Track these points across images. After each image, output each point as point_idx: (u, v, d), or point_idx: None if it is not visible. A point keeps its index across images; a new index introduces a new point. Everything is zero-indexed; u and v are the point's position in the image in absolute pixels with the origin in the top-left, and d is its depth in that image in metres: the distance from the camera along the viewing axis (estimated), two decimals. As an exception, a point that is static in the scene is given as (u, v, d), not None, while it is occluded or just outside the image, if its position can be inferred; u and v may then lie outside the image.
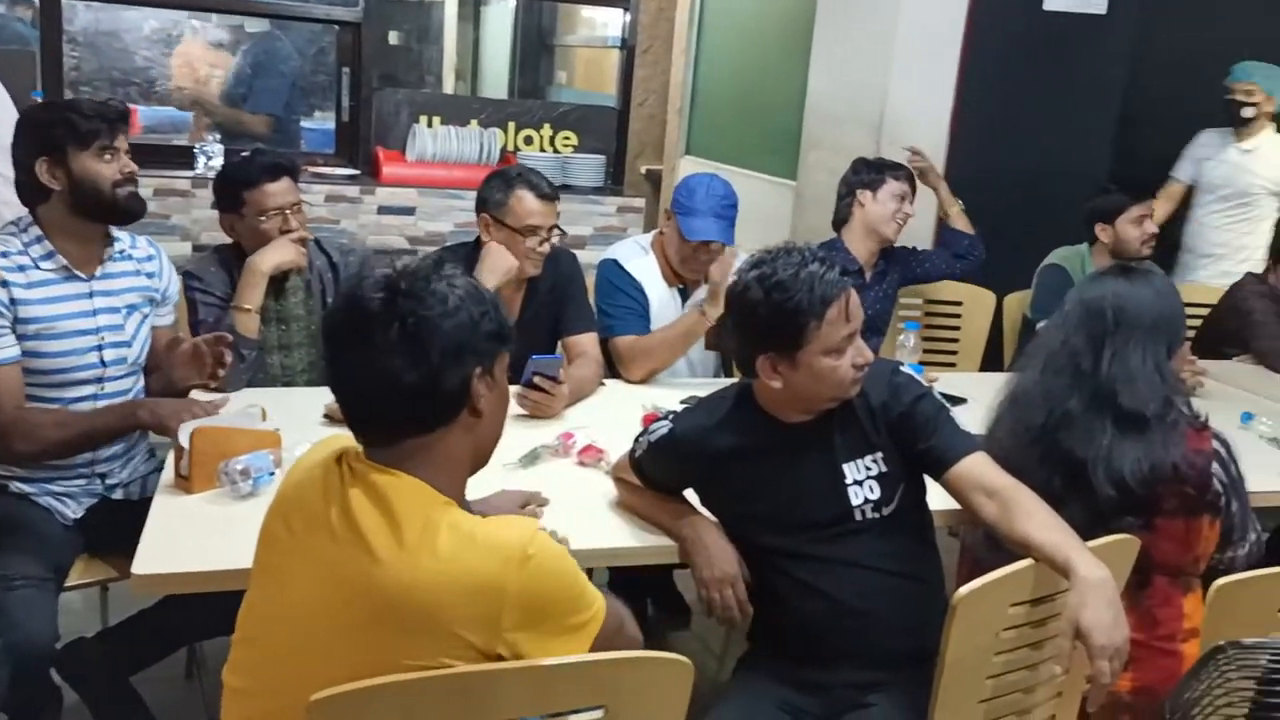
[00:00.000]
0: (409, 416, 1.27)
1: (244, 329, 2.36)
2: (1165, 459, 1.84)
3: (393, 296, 1.25)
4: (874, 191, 3.11)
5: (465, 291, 1.28)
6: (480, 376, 1.28)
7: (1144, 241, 3.22)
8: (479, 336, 1.27)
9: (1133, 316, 1.90)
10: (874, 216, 3.11)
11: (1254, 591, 1.66)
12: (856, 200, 3.13)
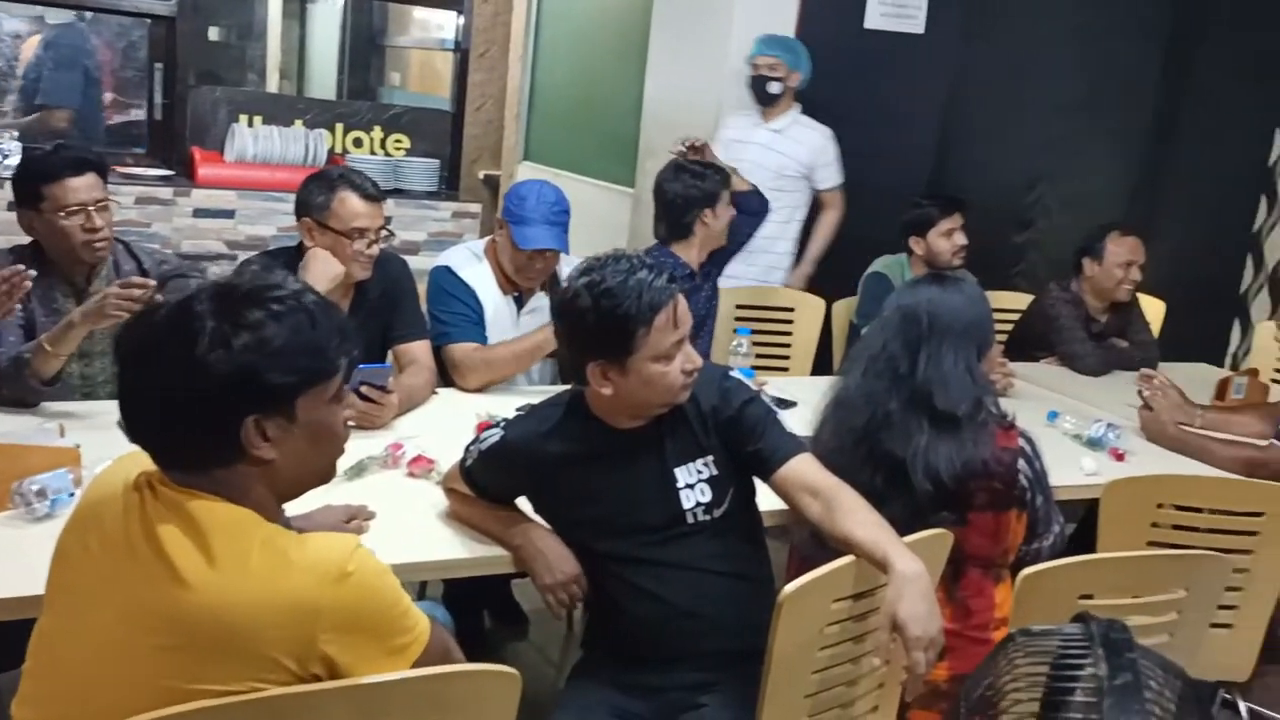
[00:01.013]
0: (187, 450, 1.21)
1: (40, 367, 2.14)
2: (976, 456, 1.94)
3: (185, 319, 1.17)
4: (713, 208, 3.07)
5: (275, 324, 1.18)
6: (258, 425, 1.19)
7: (954, 253, 3.38)
8: (259, 382, 1.17)
9: (945, 322, 1.99)
10: (717, 230, 3.10)
11: (1057, 580, 1.76)
12: (700, 220, 3.07)
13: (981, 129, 4.18)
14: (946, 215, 3.41)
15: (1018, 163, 4.31)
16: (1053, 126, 4.34)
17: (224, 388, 1.16)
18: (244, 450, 1.19)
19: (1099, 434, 2.68)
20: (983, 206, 3.76)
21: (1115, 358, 3.52)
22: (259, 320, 1.18)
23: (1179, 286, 4.22)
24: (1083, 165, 4.44)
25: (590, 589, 1.78)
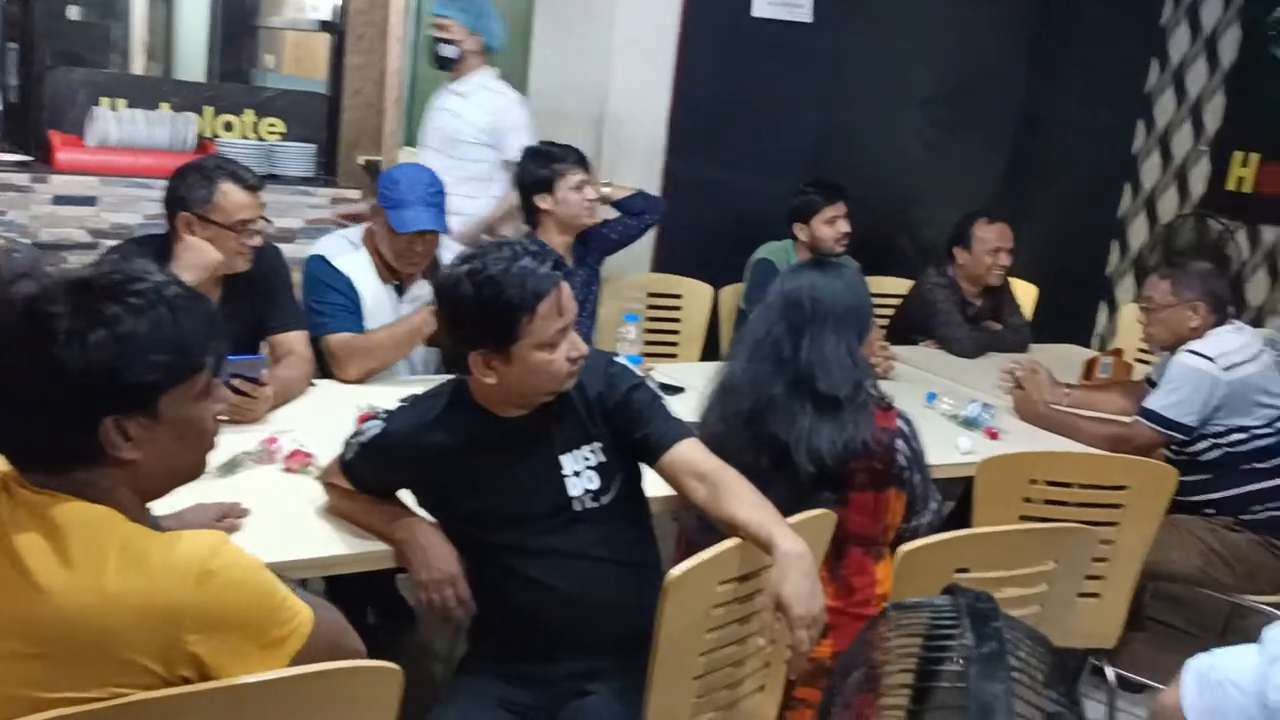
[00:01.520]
0: (44, 451, 1.14)
1: None
2: (856, 437, 1.98)
3: (39, 315, 1.10)
4: (551, 192, 3.02)
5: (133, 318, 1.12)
6: (118, 425, 1.13)
7: (837, 240, 3.45)
8: (117, 381, 1.11)
9: (826, 306, 2.03)
10: (562, 214, 3.04)
11: (934, 555, 1.81)
12: (536, 207, 3.03)
13: (862, 118, 4.26)
14: (830, 203, 3.48)
15: (896, 151, 4.41)
16: (929, 115, 4.46)
17: (80, 387, 1.10)
18: (104, 451, 1.13)
19: (974, 414, 2.77)
20: (864, 194, 3.83)
21: (990, 340, 3.64)
22: (116, 315, 1.12)
23: (1049, 271, 4.39)
24: (958, 153, 4.57)
25: (476, 581, 1.75)
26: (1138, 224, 5.20)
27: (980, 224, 3.64)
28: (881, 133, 4.34)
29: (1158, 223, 5.12)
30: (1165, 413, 2.74)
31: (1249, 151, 4.77)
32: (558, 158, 3.05)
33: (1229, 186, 4.85)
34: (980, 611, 0.80)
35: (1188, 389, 2.72)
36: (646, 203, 3.32)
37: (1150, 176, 5.15)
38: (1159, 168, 5.11)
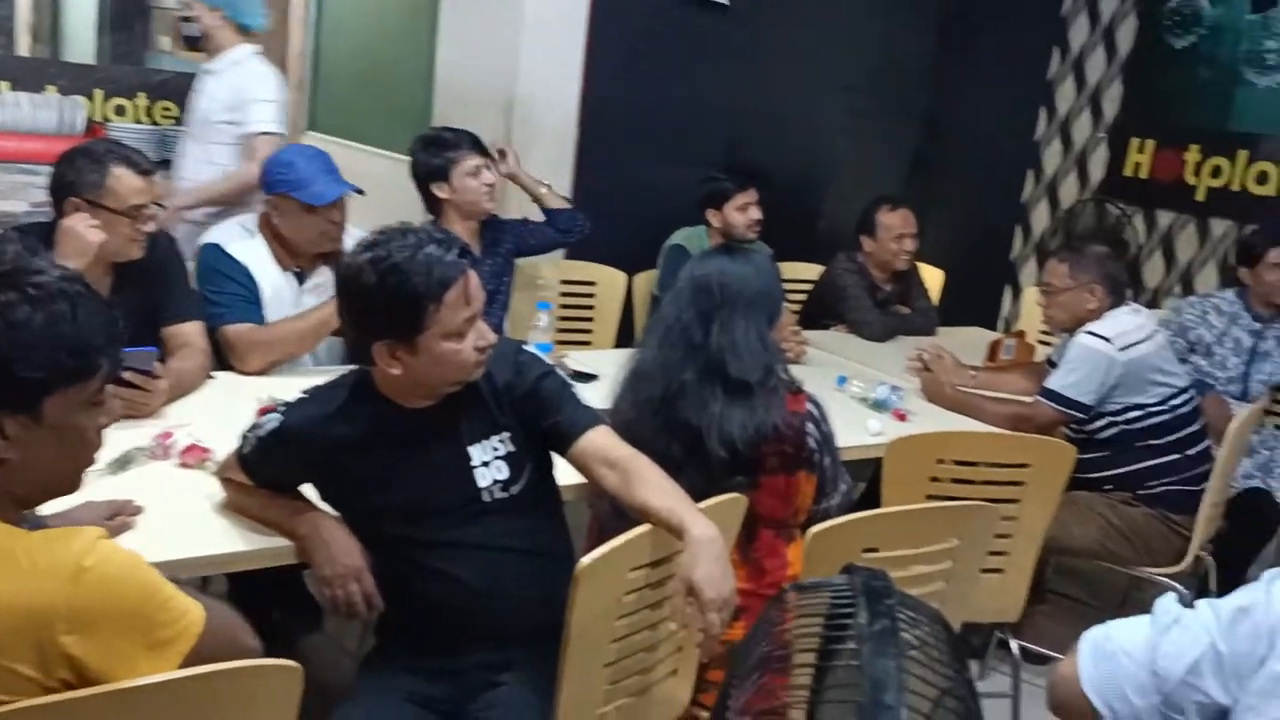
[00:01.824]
0: None
1: None
2: (767, 421, 1.99)
3: None
4: (447, 180, 2.97)
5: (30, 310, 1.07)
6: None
7: (749, 226, 3.46)
8: (3, 374, 1.06)
9: (736, 292, 2.03)
10: (461, 201, 2.99)
11: (842, 536, 1.83)
12: (435, 197, 2.99)
13: (776, 104, 4.28)
14: (741, 190, 3.49)
15: (809, 137, 4.46)
16: (841, 102, 4.50)
17: None
18: None
19: (883, 396, 2.81)
20: (777, 180, 3.87)
21: (899, 324, 3.71)
22: (10, 302, 1.07)
23: (956, 256, 4.48)
24: (869, 140, 4.63)
25: (382, 575, 1.71)
26: (1040, 209, 5.34)
27: (883, 211, 3.70)
28: (794, 119, 4.37)
29: (1059, 208, 5.25)
30: (1065, 392, 2.82)
31: (1145, 138, 4.93)
32: (451, 144, 3.00)
33: (1126, 173, 5.00)
34: (874, 590, 0.80)
35: (1086, 369, 2.80)
36: (573, 222, 3.29)
37: (1052, 163, 5.28)
38: (1060, 154, 5.24)
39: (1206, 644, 1.18)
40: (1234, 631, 1.17)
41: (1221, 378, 3.48)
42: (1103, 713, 1.23)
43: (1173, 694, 1.19)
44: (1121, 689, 1.22)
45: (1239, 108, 4.61)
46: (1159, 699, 1.20)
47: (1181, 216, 4.86)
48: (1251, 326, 3.48)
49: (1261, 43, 4.57)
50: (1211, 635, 1.18)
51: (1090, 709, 1.24)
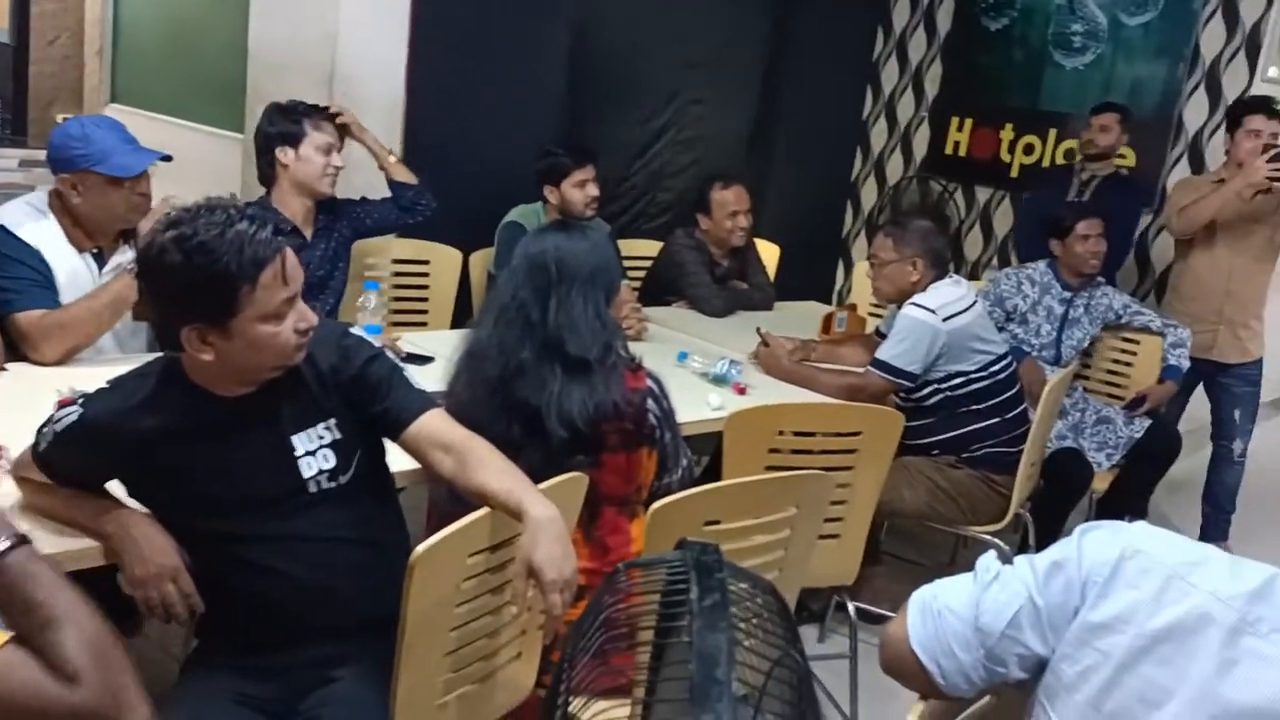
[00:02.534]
0: None
1: None
2: (607, 399, 1.98)
3: None
4: (295, 148, 2.84)
5: None
6: None
7: (587, 204, 3.42)
8: None
9: (572, 269, 2.01)
10: (301, 175, 2.86)
11: (683, 510, 1.84)
12: (277, 160, 2.85)
13: (613, 79, 4.27)
14: (579, 166, 3.45)
15: (646, 114, 4.46)
16: (676, 80, 4.53)
17: None
18: None
19: (723, 371, 2.85)
20: (614, 156, 3.85)
21: (737, 299, 3.76)
22: None
23: (791, 232, 4.59)
24: (706, 117, 4.68)
25: (202, 573, 1.62)
26: (869, 186, 5.53)
27: (717, 189, 3.75)
28: (631, 95, 4.37)
29: (886, 185, 5.45)
30: (894, 362, 2.92)
31: (964, 117, 5.16)
32: (310, 114, 2.88)
33: (947, 150, 5.23)
34: (705, 565, 0.80)
35: (912, 339, 2.90)
36: (418, 200, 3.16)
37: (879, 141, 5.47)
38: (886, 133, 5.43)
39: (1024, 598, 1.23)
40: (1049, 585, 1.22)
41: (1036, 344, 3.68)
42: (930, 669, 1.28)
43: (995, 647, 1.24)
44: (947, 645, 1.26)
45: (1048, 88, 4.88)
46: (982, 653, 1.25)
47: (998, 192, 5.12)
48: (1062, 295, 3.69)
49: (1069, 26, 4.84)
50: (1029, 590, 1.23)
51: (919, 666, 1.28)
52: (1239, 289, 3.71)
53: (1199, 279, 3.76)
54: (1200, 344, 3.75)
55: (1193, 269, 3.78)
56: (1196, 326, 3.74)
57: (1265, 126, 3.54)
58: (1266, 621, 1.09)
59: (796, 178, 5.08)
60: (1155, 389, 3.71)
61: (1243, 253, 3.68)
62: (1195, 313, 3.76)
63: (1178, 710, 1.10)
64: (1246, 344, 3.77)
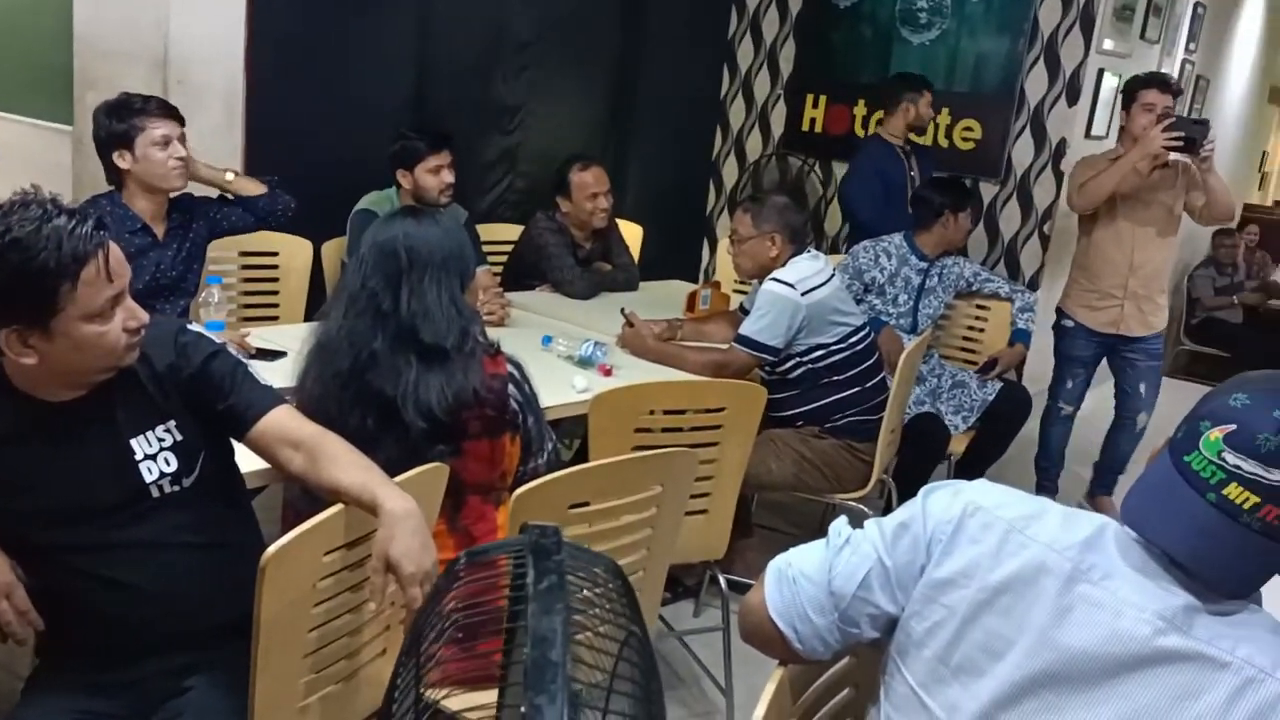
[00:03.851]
0: None
1: None
2: (467, 386, 1.95)
3: None
4: (130, 149, 2.69)
5: None
6: None
7: (442, 190, 3.34)
8: None
9: (424, 255, 1.96)
10: (145, 174, 2.71)
11: (547, 494, 1.83)
12: (114, 162, 2.70)
13: (466, 61, 4.19)
14: (434, 151, 3.37)
15: (501, 96, 4.40)
16: (532, 60, 4.48)
17: None
18: None
19: (588, 353, 2.84)
20: (469, 140, 3.78)
21: (601, 281, 3.76)
22: None
23: (654, 211, 4.61)
24: (562, 99, 4.65)
25: (39, 588, 1.53)
26: (730, 164, 5.59)
27: (576, 170, 3.73)
28: (484, 77, 4.30)
29: (746, 162, 5.52)
30: (756, 337, 2.96)
31: (818, 94, 5.26)
32: (137, 110, 2.70)
33: (804, 127, 5.33)
34: (542, 548, 0.79)
35: (774, 314, 2.95)
36: (275, 204, 2.99)
37: (737, 119, 5.53)
38: (744, 110, 5.50)
39: (874, 560, 1.26)
40: (897, 546, 1.25)
41: (894, 314, 3.79)
42: (787, 635, 1.30)
43: (848, 609, 1.27)
44: (803, 610, 1.29)
45: (897, 64, 5.01)
46: (836, 615, 1.27)
47: (854, 167, 5.23)
48: (919, 266, 3.80)
49: (915, 2, 4.98)
50: (878, 551, 1.26)
51: (777, 633, 1.30)
52: (1142, 263, 3.80)
53: (1103, 255, 3.84)
54: (1106, 319, 3.87)
55: (1097, 245, 3.86)
56: (1102, 302, 3.86)
57: (1159, 100, 3.62)
58: (1098, 569, 1.14)
59: (658, 157, 5.10)
60: (1005, 352, 3.87)
61: (1144, 227, 3.78)
62: (1101, 288, 3.86)
63: (1018, 658, 1.13)
64: (1150, 318, 3.88)
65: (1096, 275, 3.87)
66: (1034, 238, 4.81)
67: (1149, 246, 3.80)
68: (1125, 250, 3.79)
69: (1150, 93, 3.65)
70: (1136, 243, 3.79)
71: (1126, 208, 3.76)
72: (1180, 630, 1.08)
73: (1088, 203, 3.78)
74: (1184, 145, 3.46)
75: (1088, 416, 4.20)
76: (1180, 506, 1.10)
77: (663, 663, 2.87)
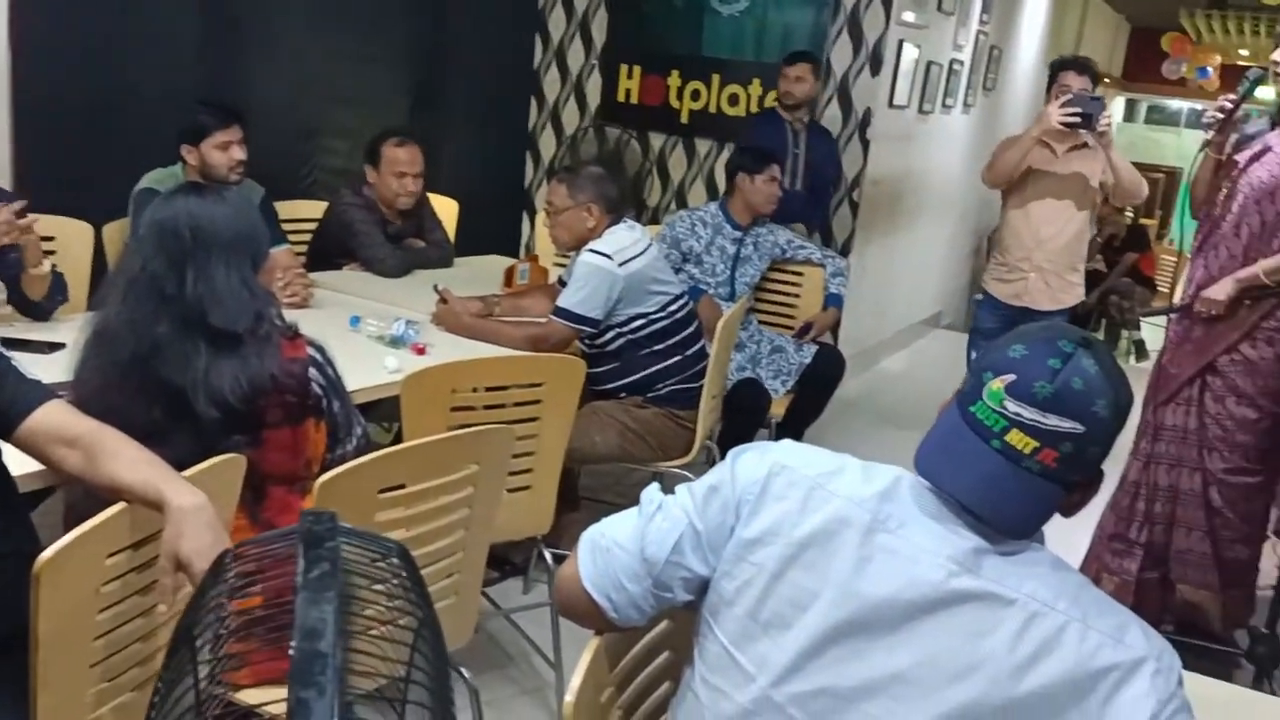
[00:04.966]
0: None
1: None
2: (263, 372, 1.85)
3: None
4: None
5: None
6: None
7: (232, 168, 3.13)
8: None
9: (210, 234, 1.85)
10: None
11: (355, 480, 1.76)
12: None
13: (258, 34, 3.98)
14: (223, 127, 3.16)
15: (298, 72, 4.21)
16: (332, 32, 4.29)
17: None
18: None
19: (399, 332, 2.75)
20: (266, 116, 3.59)
21: (414, 258, 3.64)
22: None
23: (470, 185, 4.51)
24: (367, 75, 4.48)
25: None
26: (547, 136, 5.53)
27: (390, 144, 3.59)
28: (282, 50, 4.10)
29: (564, 134, 5.48)
30: (575, 309, 2.94)
31: (632, 65, 5.26)
32: None
33: (619, 98, 5.32)
34: (316, 535, 0.74)
35: (591, 285, 2.93)
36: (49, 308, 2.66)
37: (552, 90, 5.48)
38: (559, 81, 5.45)
39: (685, 524, 1.26)
40: (707, 509, 1.26)
41: (712, 283, 3.84)
42: (602, 604, 1.29)
43: (660, 575, 1.27)
44: (617, 579, 1.28)
45: (709, 35, 5.06)
46: (650, 581, 1.27)
47: (671, 138, 5.27)
48: (734, 235, 3.86)
49: (723, -26, 5.03)
50: (689, 516, 1.27)
51: (591, 603, 1.29)
52: (1049, 238, 3.91)
53: (1012, 228, 3.97)
54: (1012, 291, 3.99)
55: (1009, 221, 4.00)
56: (1010, 275, 3.99)
57: (1076, 82, 3.75)
58: (895, 518, 1.17)
59: (472, 131, 5.00)
60: (820, 316, 3.99)
61: (1056, 202, 3.89)
62: (1010, 261, 3.98)
63: (823, 609, 1.16)
64: (1058, 293, 3.98)
65: (1006, 249, 4.01)
66: (845, 205, 4.96)
67: (1057, 222, 3.91)
68: (1032, 226, 3.92)
69: (1068, 75, 3.79)
70: (1045, 218, 3.91)
71: (1040, 185, 3.88)
72: (971, 571, 1.12)
73: (996, 178, 3.93)
74: (1081, 121, 3.60)
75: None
76: (968, 455, 1.15)
77: (492, 642, 2.83)
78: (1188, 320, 2.95)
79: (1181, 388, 2.95)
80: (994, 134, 7.29)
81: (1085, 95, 3.66)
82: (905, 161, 5.56)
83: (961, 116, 6.40)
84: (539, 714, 2.55)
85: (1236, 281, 2.80)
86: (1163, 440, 2.99)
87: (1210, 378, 2.91)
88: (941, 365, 5.66)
